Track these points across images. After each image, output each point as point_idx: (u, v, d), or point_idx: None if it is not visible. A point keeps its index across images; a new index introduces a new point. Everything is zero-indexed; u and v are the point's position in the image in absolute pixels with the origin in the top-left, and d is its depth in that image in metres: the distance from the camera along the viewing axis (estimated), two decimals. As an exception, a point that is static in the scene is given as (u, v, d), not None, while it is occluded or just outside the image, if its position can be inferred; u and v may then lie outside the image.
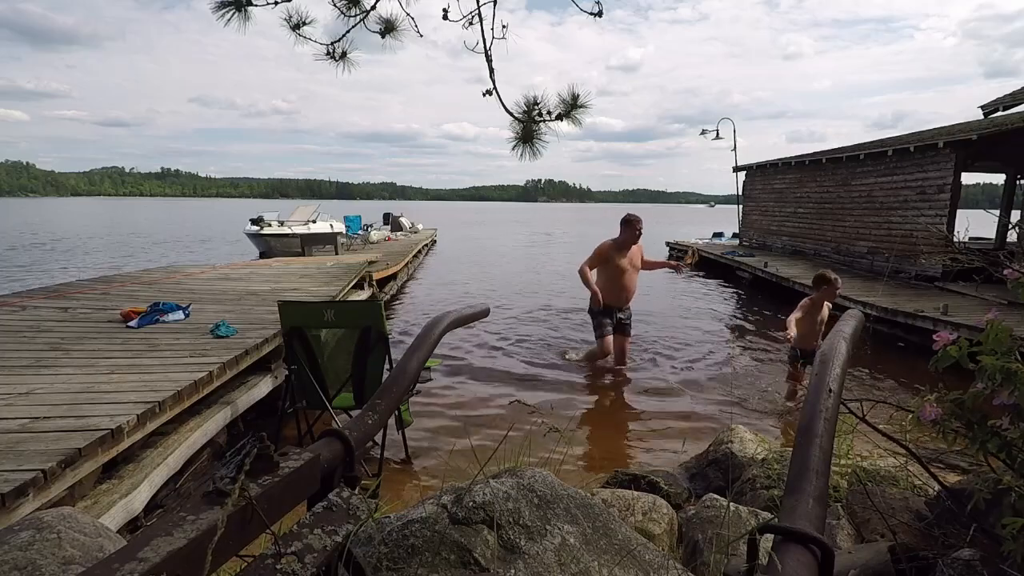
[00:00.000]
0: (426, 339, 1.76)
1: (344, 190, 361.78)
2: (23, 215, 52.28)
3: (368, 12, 2.66)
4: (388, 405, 1.47)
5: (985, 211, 3.53)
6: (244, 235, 17.62)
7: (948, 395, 1.44)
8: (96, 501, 2.50)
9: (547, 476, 1.50)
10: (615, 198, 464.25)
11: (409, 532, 1.25)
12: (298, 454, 1.02)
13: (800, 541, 0.90)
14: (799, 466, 1.08)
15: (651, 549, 1.43)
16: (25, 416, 2.74)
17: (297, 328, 3.59)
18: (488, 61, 2.45)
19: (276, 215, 17.99)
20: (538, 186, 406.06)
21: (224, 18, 2.53)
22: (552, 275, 14.94)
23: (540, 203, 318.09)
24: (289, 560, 0.85)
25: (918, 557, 1.58)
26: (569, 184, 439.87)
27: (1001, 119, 9.70)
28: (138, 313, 4.89)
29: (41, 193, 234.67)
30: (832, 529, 1.97)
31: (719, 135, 18.23)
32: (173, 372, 3.50)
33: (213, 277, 8.06)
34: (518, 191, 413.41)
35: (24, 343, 4.13)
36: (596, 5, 2.47)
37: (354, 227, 20.42)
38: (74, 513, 1.34)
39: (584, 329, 8.10)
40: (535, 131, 2.56)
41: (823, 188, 13.27)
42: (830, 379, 1.28)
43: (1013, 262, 1.62)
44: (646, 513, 2.10)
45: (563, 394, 5.27)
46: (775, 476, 2.55)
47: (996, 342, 1.36)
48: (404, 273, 12.75)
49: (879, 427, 1.77)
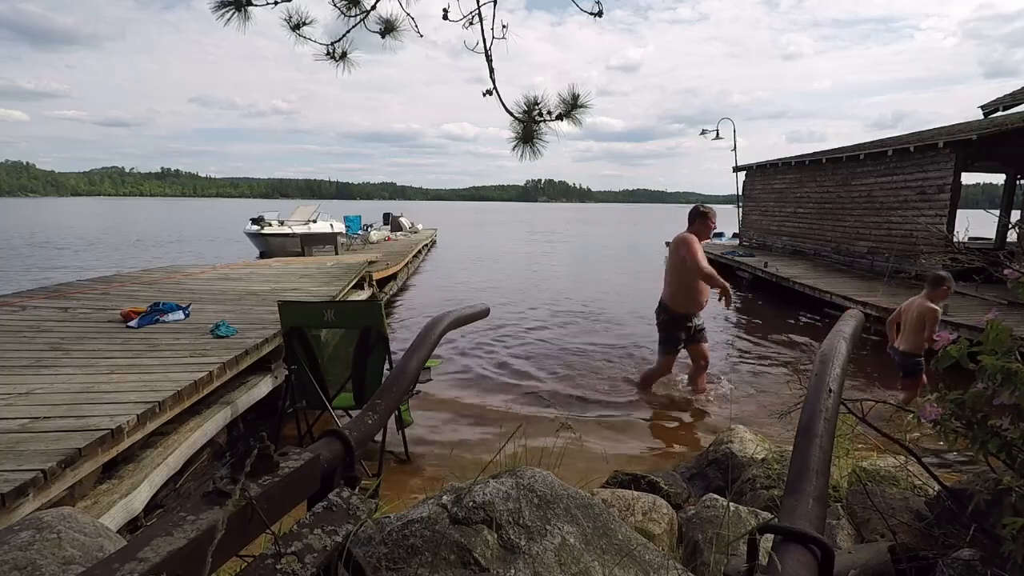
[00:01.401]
0: (426, 339, 1.76)
1: (344, 190, 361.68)
2: (23, 215, 52.28)
3: (368, 12, 2.66)
4: (388, 405, 1.47)
5: (985, 211, 3.53)
6: (244, 235, 17.63)
7: (948, 395, 1.44)
8: (96, 501, 2.50)
9: (547, 476, 1.50)
10: (615, 198, 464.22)
11: (409, 532, 1.25)
12: (298, 454, 1.02)
13: (800, 541, 0.91)
14: (799, 466, 1.08)
15: (651, 549, 1.43)
16: (25, 416, 2.74)
17: (297, 328, 3.59)
18: (488, 61, 2.45)
19: (276, 215, 17.99)
20: (538, 186, 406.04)
21: (224, 18, 2.53)
22: (553, 275, 14.94)
23: (540, 203, 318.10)
24: (289, 560, 0.85)
25: (918, 557, 1.58)
26: (569, 184, 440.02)
27: (1001, 119, 9.70)
28: (138, 313, 4.89)
29: (41, 193, 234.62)
30: (832, 529, 1.97)
31: (719, 135, 18.22)
32: (173, 372, 3.50)
33: (213, 277, 8.06)
34: (518, 191, 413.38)
35: (24, 343, 4.13)
36: (596, 5, 2.47)
37: (354, 227, 20.42)
38: (74, 513, 1.34)
39: (586, 330, 8.10)
40: (535, 131, 2.56)
41: (823, 188, 13.26)
42: (830, 379, 1.28)
43: (1013, 262, 1.62)
44: (646, 513, 2.10)
45: (563, 394, 5.27)
46: (775, 476, 2.55)
47: (996, 342, 1.36)
48: (404, 273, 12.75)
49: (879, 427, 1.77)
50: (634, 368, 6.02)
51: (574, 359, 6.52)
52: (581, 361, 6.44)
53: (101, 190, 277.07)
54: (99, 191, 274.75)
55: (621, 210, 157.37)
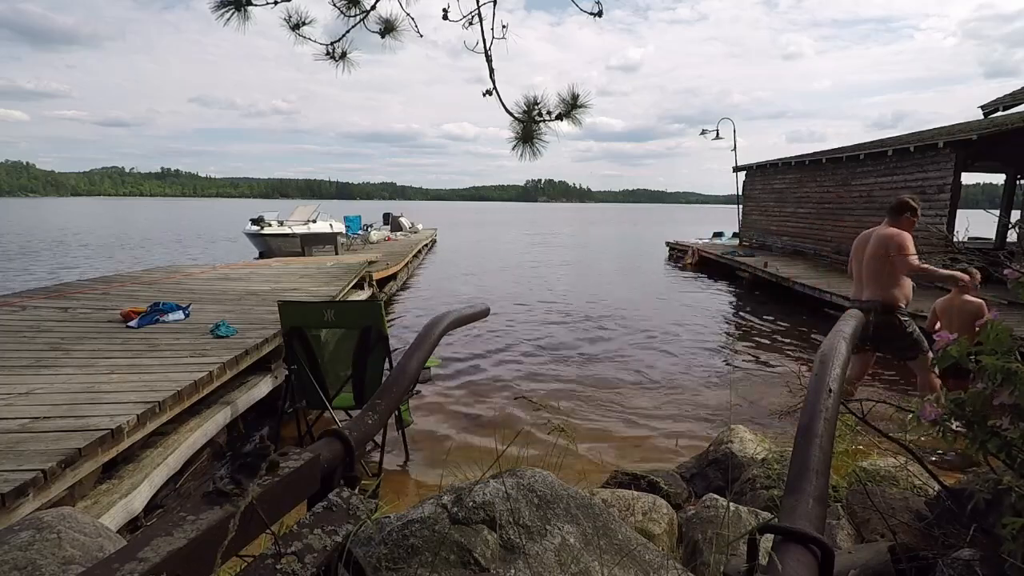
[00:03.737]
0: (426, 339, 1.76)
1: (344, 190, 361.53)
2: (23, 215, 52.26)
3: (368, 12, 2.66)
4: (388, 405, 1.47)
5: (985, 211, 3.52)
6: (244, 235, 17.62)
7: (948, 395, 1.44)
8: (96, 501, 2.50)
9: (547, 476, 1.50)
10: (615, 198, 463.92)
11: (409, 532, 1.25)
12: (298, 454, 1.02)
13: (800, 541, 0.90)
14: (799, 466, 1.08)
15: (651, 549, 1.43)
16: (25, 416, 2.75)
17: (297, 328, 3.59)
18: (488, 61, 2.45)
19: (276, 215, 17.97)
20: (538, 186, 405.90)
21: (224, 18, 2.53)
22: (553, 275, 14.94)
23: (540, 203, 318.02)
24: (289, 560, 0.85)
25: (918, 557, 1.57)
26: (569, 184, 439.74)
27: (1001, 119, 9.70)
28: (138, 313, 4.89)
29: (41, 193, 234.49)
30: (832, 529, 1.97)
31: (719, 135, 18.22)
32: (173, 372, 3.50)
33: (213, 277, 8.06)
34: (518, 191, 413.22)
35: (24, 343, 4.13)
36: (596, 5, 2.47)
37: (354, 227, 20.40)
38: (74, 513, 1.34)
39: (586, 330, 8.10)
40: (535, 131, 2.56)
41: (823, 188, 13.26)
42: (830, 379, 1.28)
43: (1013, 262, 1.62)
44: (646, 513, 2.10)
45: (563, 394, 5.27)
46: (775, 476, 2.54)
47: (996, 342, 1.36)
48: (404, 273, 12.75)
49: (879, 427, 1.77)
50: (634, 368, 6.02)
51: (574, 359, 6.52)
52: (581, 361, 6.45)
53: (101, 190, 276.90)
54: (99, 191, 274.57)
55: (621, 210, 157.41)
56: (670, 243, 19.29)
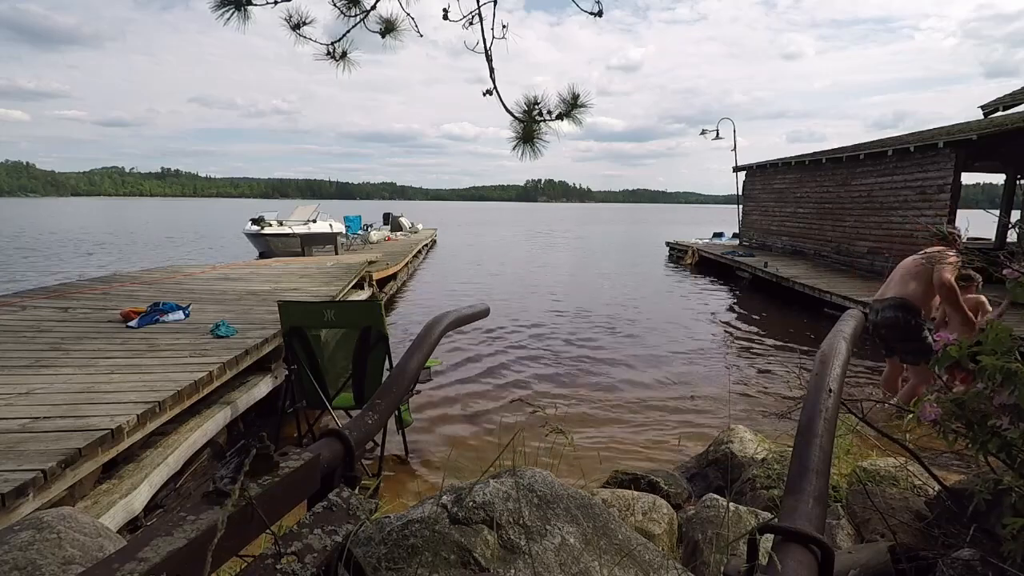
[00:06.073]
0: (426, 339, 1.76)
1: (344, 190, 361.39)
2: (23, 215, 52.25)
3: (368, 12, 2.66)
4: (388, 405, 1.47)
5: (985, 211, 3.52)
6: (244, 235, 17.62)
7: (948, 395, 1.44)
8: (96, 501, 2.50)
9: (547, 476, 1.50)
10: (615, 198, 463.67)
11: (409, 532, 1.25)
12: (298, 454, 1.02)
13: (800, 541, 0.90)
14: (799, 466, 1.08)
15: (651, 549, 1.43)
16: (25, 416, 2.74)
17: (297, 328, 3.59)
18: (488, 61, 2.45)
19: (276, 215, 17.96)
20: (538, 186, 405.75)
21: (223, 17, 2.53)
22: (553, 275, 14.94)
23: (540, 203, 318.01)
24: (289, 560, 0.85)
25: (918, 557, 1.58)
26: (569, 184, 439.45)
27: (1001, 119, 9.69)
28: (138, 313, 4.89)
29: (41, 193, 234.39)
30: (832, 529, 1.97)
31: (719, 135, 18.23)
32: (173, 372, 3.50)
33: (213, 277, 8.06)
34: (518, 191, 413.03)
35: (24, 343, 4.13)
36: (596, 5, 2.47)
37: (354, 227, 20.41)
38: (74, 513, 1.34)
39: (587, 330, 8.10)
40: (535, 131, 2.56)
41: (823, 188, 13.26)
42: (830, 379, 1.27)
43: (1013, 262, 1.62)
44: (646, 513, 2.10)
45: (564, 394, 5.27)
46: (775, 476, 2.55)
47: (996, 342, 1.36)
48: (404, 273, 12.75)
49: (879, 427, 1.77)
50: (634, 368, 6.02)
51: (574, 359, 6.52)
52: (581, 361, 6.45)
53: (101, 190, 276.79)
54: (99, 191, 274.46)
55: (621, 210, 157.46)
56: (670, 243, 19.29)
